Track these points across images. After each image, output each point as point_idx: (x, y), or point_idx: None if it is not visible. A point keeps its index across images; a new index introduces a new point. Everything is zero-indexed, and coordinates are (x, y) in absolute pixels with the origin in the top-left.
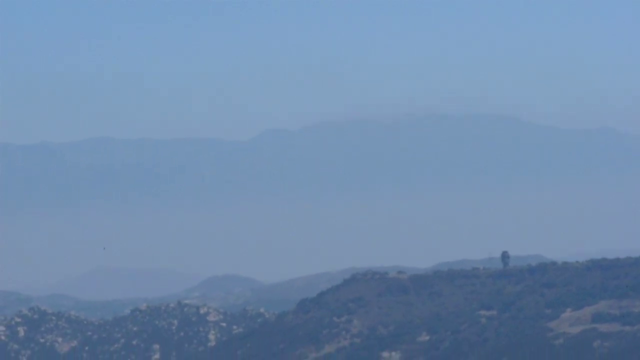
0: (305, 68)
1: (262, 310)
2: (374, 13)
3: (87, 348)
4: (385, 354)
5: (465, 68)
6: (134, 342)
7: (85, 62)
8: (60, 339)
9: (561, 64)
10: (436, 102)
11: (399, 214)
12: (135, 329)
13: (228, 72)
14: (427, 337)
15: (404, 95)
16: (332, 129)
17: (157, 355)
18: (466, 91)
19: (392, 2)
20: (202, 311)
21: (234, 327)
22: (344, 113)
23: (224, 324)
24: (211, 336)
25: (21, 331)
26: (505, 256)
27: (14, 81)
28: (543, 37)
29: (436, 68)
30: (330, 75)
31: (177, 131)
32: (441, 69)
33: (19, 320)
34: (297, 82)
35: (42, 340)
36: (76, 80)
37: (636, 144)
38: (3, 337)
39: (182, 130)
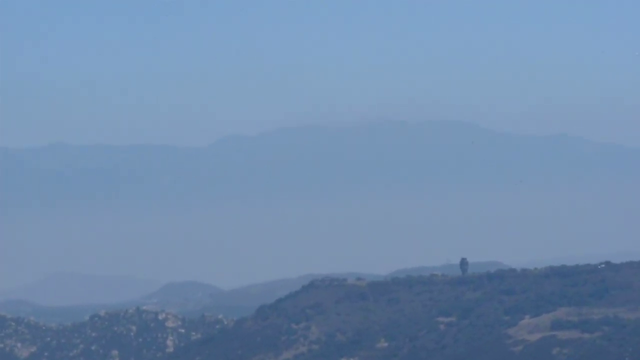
0: (262, 74)
1: (220, 316)
2: (330, 19)
3: (46, 354)
4: None
5: (422, 74)
6: (93, 348)
7: (40, 68)
8: (19, 345)
9: (519, 70)
10: (393, 108)
11: (356, 220)
12: (94, 334)
13: (185, 78)
14: (386, 344)
15: (360, 101)
16: (289, 134)
17: None
18: (423, 97)
19: (346, 8)
20: (160, 317)
21: (193, 333)
22: (301, 119)
23: (182, 330)
24: (169, 342)
25: None
26: (463, 263)
27: None
28: (501, 42)
29: (393, 74)
30: (287, 81)
31: (134, 137)
32: (398, 74)
33: None
34: (254, 88)
35: (1, 346)
36: (31, 85)
37: (593, 150)
38: None
39: (138, 136)
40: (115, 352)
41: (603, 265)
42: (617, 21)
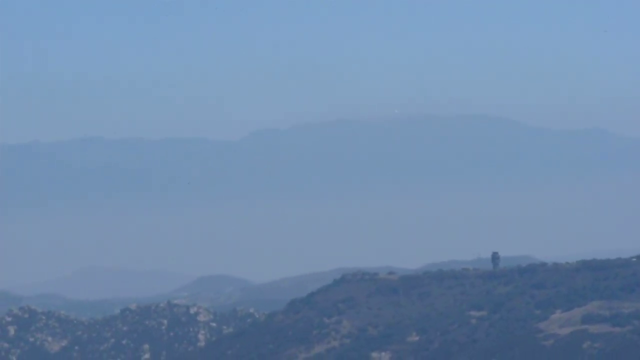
0: (295, 68)
1: (252, 310)
2: (365, 13)
3: (77, 347)
4: (374, 355)
5: (455, 69)
6: (124, 342)
7: (74, 62)
8: (50, 339)
9: (552, 65)
10: (426, 102)
11: (389, 214)
12: (125, 328)
13: (218, 72)
14: (417, 338)
15: (393, 95)
16: (321, 129)
17: (146, 355)
18: (456, 92)
19: (382, 3)
20: (192, 311)
21: (224, 327)
22: (333, 113)
23: (213, 324)
24: (201, 336)
25: (11, 330)
26: (495, 257)
27: (3, 81)
28: (534, 37)
29: (426, 69)
30: (320, 75)
31: (167, 131)
32: (432, 69)
33: (9, 319)
34: (286, 82)
35: (32, 340)
36: (66, 79)
37: (627, 144)
38: None
39: (171, 130)
40: (146, 346)
41: (634, 259)
42: None
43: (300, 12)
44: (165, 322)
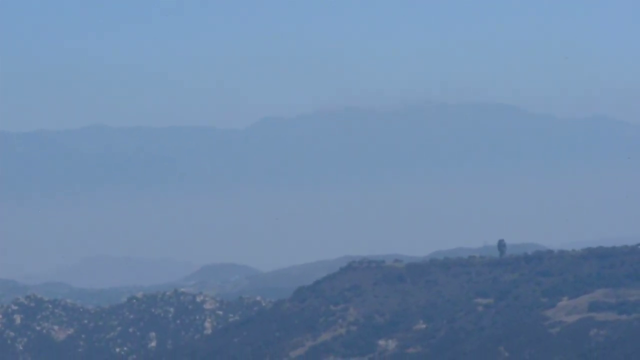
0: (302, 56)
1: (258, 298)
2: (372, 1)
3: (83, 336)
4: (381, 342)
5: (462, 57)
6: (131, 330)
7: (80, 50)
8: (56, 327)
9: (558, 53)
10: (433, 91)
11: (396, 202)
12: (131, 317)
13: (224, 60)
14: (424, 326)
15: (400, 84)
16: (328, 117)
17: (153, 343)
18: (463, 80)
19: None
20: (198, 299)
21: (230, 315)
22: (340, 102)
23: (220, 312)
24: (207, 324)
25: (18, 319)
26: (501, 245)
27: (9, 69)
28: (540, 26)
29: (433, 57)
30: (326, 63)
31: (173, 119)
32: (438, 58)
33: (15, 308)
34: (293, 70)
35: (38, 328)
36: (71, 68)
37: (633, 132)
38: (0, 325)
39: (178, 118)
40: (153, 334)
41: None
42: None
43: (307, 2)
44: (171, 310)
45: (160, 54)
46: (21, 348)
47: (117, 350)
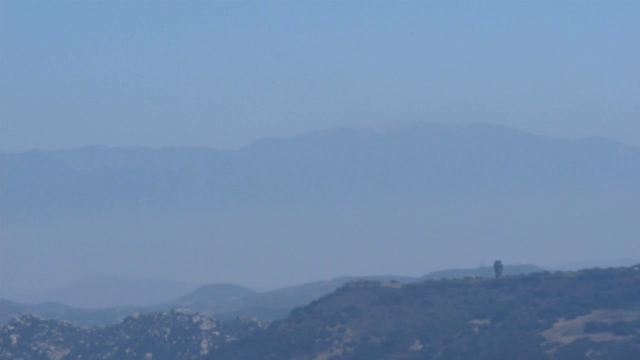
0: (298, 77)
1: (255, 319)
2: (367, 22)
3: (79, 356)
4: None
5: (458, 77)
6: (127, 351)
7: (76, 70)
8: (53, 347)
9: (555, 74)
10: (429, 111)
11: (392, 223)
12: (128, 337)
13: (221, 80)
14: (420, 346)
15: (396, 104)
16: (324, 137)
17: None
18: (460, 101)
19: (384, 12)
20: (194, 320)
21: (227, 335)
22: (336, 122)
23: (216, 333)
24: (204, 345)
25: (14, 339)
26: (498, 265)
27: (4, 88)
28: (537, 46)
29: (430, 78)
30: (323, 84)
31: (170, 139)
32: (435, 79)
33: (11, 328)
34: (290, 91)
35: (34, 348)
36: (68, 87)
37: (629, 153)
38: None
39: (174, 138)
40: (149, 355)
41: (637, 268)
42: None
43: (302, 21)
44: (168, 330)
45: (157, 74)
46: None
47: None
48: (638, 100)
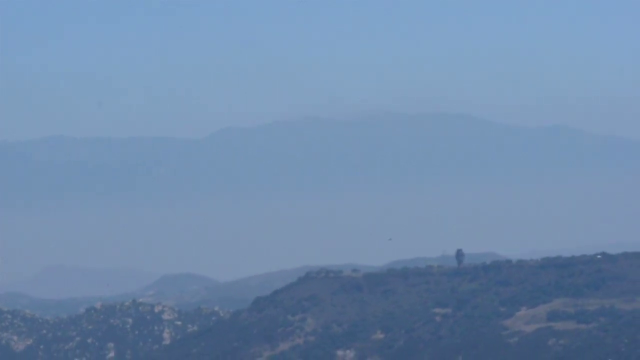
0: (260, 66)
1: (216, 308)
2: (328, 11)
3: (42, 346)
4: (339, 352)
5: (421, 67)
6: (89, 341)
7: (39, 60)
8: (15, 337)
9: (518, 62)
10: (392, 101)
11: (353, 211)
12: (90, 327)
13: (182, 70)
14: (382, 336)
15: (359, 93)
16: (288, 126)
17: (111, 354)
18: (422, 90)
19: (348, 1)
20: (156, 310)
21: (189, 325)
22: (300, 111)
23: (178, 323)
24: (166, 334)
25: None
26: (459, 254)
27: None
28: (500, 35)
29: (392, 67)
30: (285, 73)
31: (132, 130)
32: (397, 67)
33: None
34: (252, 80)
35: None
36: (30, 78)
37: (592, 142)
38: None
39: (136, 129)
40: (111, 345)
41: (599, 256)
42: (615, 14)
43: (268, 9)
44: (130, 320)
45: (119, 64)
46: None
47: None
48: (601, 88)
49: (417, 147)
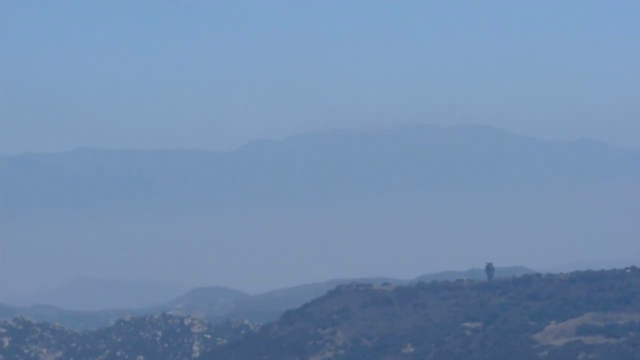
0: (289, 78)
1: (246, 321)
2: (358, 24)
3: (71, 359)
4: None
5: (448, 79)
6: (119, 353)
7: (67, 72)
8: (44, 350)
9: (545, 75)
10: (419, 113)
11: (384, 225)
12: (119, 340)
13: (212, 83)
14: (412, 349)
15: (387, 106)
16: (315, 139)
17: None
18: (450, 102)
19: (375, 13)
20: (186, 322)
21: (218, 338)
22: (328, 124)
23: (208, 336)
24: (195, 347)
25: (6, 342)
26: (489, 268)
27: None
28: (526, 48)
29: (420, 79)
30: (314, 85)
31: (161, 142)
32: (425, 80)
33: (3, 330)
34: (281, 93)
35: (26, 351)
36: (59, 90)
37: (618, 155)
38: None
39: (166, 141)
40: (140, 358)
41: (629, 270)
42: None
43: (294, 23)
44: (159, 333)
45: (148, 76)
46: None
47: None
48: (627, 101)
49: (444, 160)
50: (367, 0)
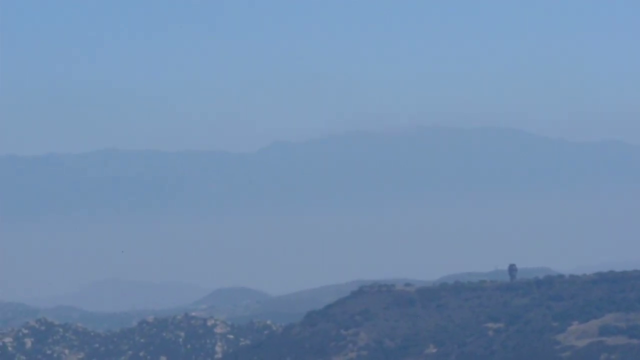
0: (312, 80)
1: (269, 322)
2: (382, 25)
3: None
4: None
5: (471, 81)
6: (141, 354)
7: (91, 73)
8: (67, 351)
9: (568, 76)
10: (442, 115)
11: (406, 226)
12: (142, 341)
13: (234, 84)
14: (434, 350)
15: (410, 108)
16: (338, 141)
17: None
18: (473, 104)
19: (399, 15)
20: (209, 323)
21: (241, 339)
22: (350, 125)
23: (231, 336)
24: (218, 348)
25: (28, 342)
26: (512, 269)
27: (19, 92)
28: (550, 49)
29: (442, 81)
30: (336, 87)
31: (184, 143)
32: (448, 81)
33: (26, 331)
34: (304, 94)
35: (49, 352)
36: (83, 91)
37: None
38: (10, 349)
39: (189, 142)
40: (163, 359)
41: None
42: None
43: (316, 25)
44: (182, 334)
45: (172, 78)
46: None
47: None
48: None
49: (467, 162)
50: (387, 4)
